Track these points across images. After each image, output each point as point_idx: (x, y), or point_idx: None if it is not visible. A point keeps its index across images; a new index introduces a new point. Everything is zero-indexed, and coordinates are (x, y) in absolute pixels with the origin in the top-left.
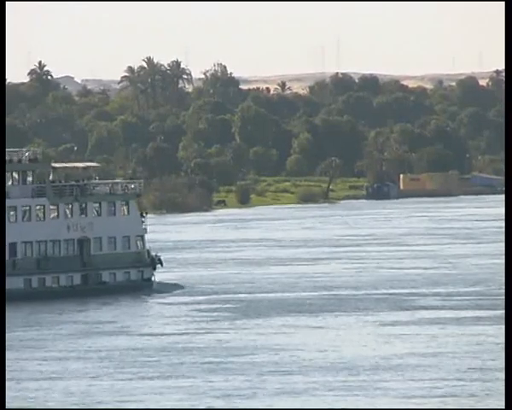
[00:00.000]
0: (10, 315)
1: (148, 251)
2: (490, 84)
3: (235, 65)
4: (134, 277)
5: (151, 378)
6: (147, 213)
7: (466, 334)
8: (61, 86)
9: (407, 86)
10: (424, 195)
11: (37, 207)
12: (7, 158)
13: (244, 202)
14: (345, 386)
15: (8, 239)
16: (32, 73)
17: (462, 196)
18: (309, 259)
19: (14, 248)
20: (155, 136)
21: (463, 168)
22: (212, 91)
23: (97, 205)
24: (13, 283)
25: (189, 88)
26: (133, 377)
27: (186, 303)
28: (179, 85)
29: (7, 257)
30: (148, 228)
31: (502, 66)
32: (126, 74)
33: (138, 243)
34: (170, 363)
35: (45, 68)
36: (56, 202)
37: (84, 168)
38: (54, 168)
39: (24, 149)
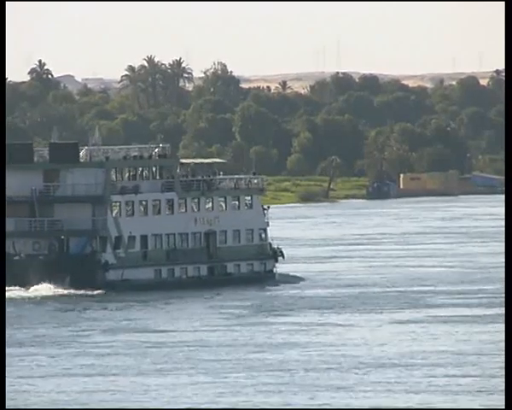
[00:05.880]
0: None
1: (270, 243)
2: (490, 83)
3: (236, 64)
4: (257, 268)
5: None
6: (269, 207)
7: (499, 331)
8: (62, 85)
9: (407, 86)
10: (424, 194)
11: (167, 202)
12: (138, 154)
13: None
14: (384, 382)
15: (140, 232)
16: (32, 72)
17: (462, 196)
18: (329, 257)
19: (145, 240)
20: (156, 135)
21: (464, 168)
22: (212, 90)
23: (223, 199)
24: (144, 273)
25: (190, 87)
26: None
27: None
28: (180, 84)
29: (138, 248)
30: None
31: (502, 66)
32: (127, 73)
33: (261, 235)
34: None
35: (46, 67)
36: (184, 197)
37: (210, 164)
38: (181, 164)
39: (153, 146)
